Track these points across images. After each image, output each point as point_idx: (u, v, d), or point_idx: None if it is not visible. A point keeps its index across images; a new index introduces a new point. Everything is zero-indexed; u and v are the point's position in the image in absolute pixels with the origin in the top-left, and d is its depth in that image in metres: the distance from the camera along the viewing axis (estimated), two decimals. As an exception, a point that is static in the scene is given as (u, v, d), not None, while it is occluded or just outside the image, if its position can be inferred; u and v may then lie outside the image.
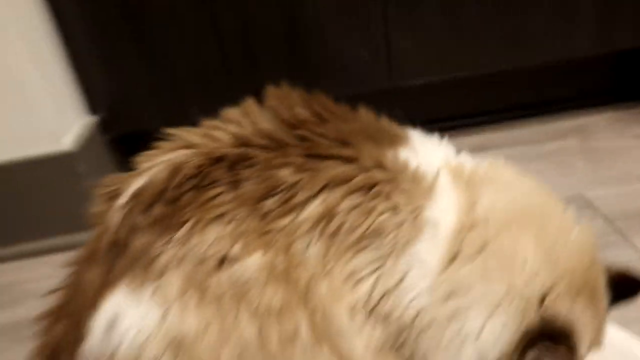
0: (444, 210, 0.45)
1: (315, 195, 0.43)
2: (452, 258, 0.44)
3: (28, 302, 0.92)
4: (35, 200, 1.03)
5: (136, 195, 0.44)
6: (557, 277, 0.46)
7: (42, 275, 0.99)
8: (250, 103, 0.50)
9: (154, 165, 0.46)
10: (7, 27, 0.94)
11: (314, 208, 0.43)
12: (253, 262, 0.41)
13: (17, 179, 1.01)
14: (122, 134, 1.18)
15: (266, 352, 0.39)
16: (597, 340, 0.50)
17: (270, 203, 0.42)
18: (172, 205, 0.42)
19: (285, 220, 0.42)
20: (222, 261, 0.41)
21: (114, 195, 0.46)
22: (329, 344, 0.41)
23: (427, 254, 0.44)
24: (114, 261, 0.42)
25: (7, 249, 1.06)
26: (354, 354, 0.41)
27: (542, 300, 0.45)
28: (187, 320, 0.39)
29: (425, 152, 0.49)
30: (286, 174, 0.43)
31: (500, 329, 0.45)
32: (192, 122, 0.53)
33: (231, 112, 0.49)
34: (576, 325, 0.46)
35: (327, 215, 0.43)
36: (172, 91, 1.16)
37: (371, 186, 0.44)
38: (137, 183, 0.45)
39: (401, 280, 0.43)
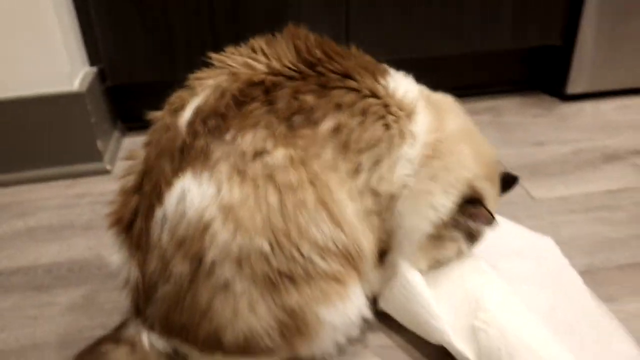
0: (420, 127, 0.66)
1: (329, 115, 0.60)
2: (428, 157, 0.66)
3: (38, 214, 1.09)
4: (48, 133, 1.18)
5: (196, 111, 0.60)
6: (479, 169, 0.70)
7: (50, 196, 1.16)
8: (275, 39, 0.65)
9: (206, 87, 0.61)
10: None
11: (328, 124, 0.60)
12: (279, 155, 0.57)
13: (34, 113, 1.15)
14: (118, 85, 1.33)
15: (284, 213, 0.56)
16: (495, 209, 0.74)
17: (296, 118, 0.59)
18: (222, 117, 0.58)
19: (307, 131, 0.59)
20: (257, 154, 0.57)
21: (178, 108, 0.62)
22: (328, 212, 0.59)
23: (409, 154, 0.65)
24: (181, 157, 0.58)
25: (23, 173, 1.20)
26: (343, 216, 0.60)
27: (472, 182, 0.69)
28: (233, 194, 0.55)
29: (403, 82, 0.69)
30: (308, 99, 0.60)
31: (450, 202, 0.68)
32: (180, 82, 0.66)
33: (261, 44, 0.64)
34: (487, 197, 0.71)
35: (338, 129, 0.60)
36: (164, 53, 1.30)
37: (369, 109, 0.63)
38: (195, 102, 0.61)
39: (391, 168, 0.64)
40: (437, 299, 0.71)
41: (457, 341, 0.68)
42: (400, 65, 0.76)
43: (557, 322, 0.74)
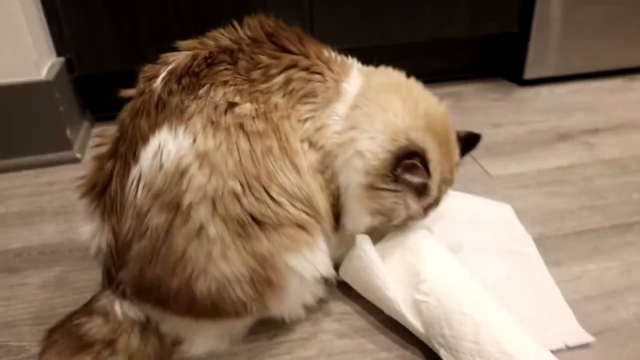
0: (352, 85, 0.72)
1: (281, 71, 0.68)
2: (351, 108, 0.70)
3: (7, 202, 1.11)
4: (17, 123, 1.19)
5: (170, 72, 0.65)
6: (415, 121, 0.70)
7: (20, 184, 1.17)
8: (238, 24, 0.72)
9: (180, 55, 0.68)
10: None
11: (280, 79, 0.68)
12: (246, 107, 0.63)
13: (2, 103, 1.16)
14: (86, 75, 1.35)
15: (254, 158, 0.62)
16: (449, 179, 0.76)
17: (254, 73, 0.66)
18: (194, 76, 0.64)
19: (264, 85, 0.66)
20: (228, 106, 0.63)
21: (152, 76, 0.67)
22: (290, 160, 0.65)
23: (340, 109, 0.70)
24: (157, 114, 0.63)
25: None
26: (302, 168, 0.67)
27: (404, 131, 0.69)
28: (207, 142, 0.61)
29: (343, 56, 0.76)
30: (263, 58, 0.68)
31: (377, 146, 0.68)
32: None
33: (226, 29, 0.71)
34: (428, 149, 0.69)
35: (287, 83, 0.68)
36: (131, 42, 1.32)
37: (313, 68, 0.70)
38: (169, 66, 0.66)
39: (325, 122, 0.69)
40: (388, 271, 0.74)
41: (408, 313, 0.71)
42: (364, 54, 0.82)
43: (509, 292, 0.78)
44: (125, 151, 0.64)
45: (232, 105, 0.63)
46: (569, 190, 1.08)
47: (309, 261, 0.67)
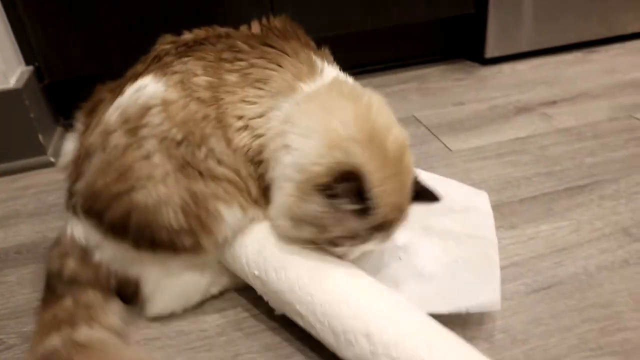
0: (310, 87, 0.73)
1: (250, 59, 0.74)
2: (296, 104, 0.71)
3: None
4: None
5: (175, 41, 0.79)
6: (362, 135, 0.65)
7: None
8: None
9: (190, 34, 0.80)
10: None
11: (245, 64, 0.74)
12: (203, 78, 0.73)
13: None
14: (57, 81, 1.37)
15: (195, 119, 0.71)
16: (397, 215, 0.68)
17: (226, 54, 0.75)
18: (188, 48, 0.76)
19: (229, 65, 0.74)
20: (193, 75, 0.73)
21: (168, 42, 0.79)
22: (222, 130, 0.72)
23: (286, 104, 0.72)
24: (151, 64, 0.77)
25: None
26: (232, 141, 0.72)
27: (347, 142, 0.64)
28: (172, 95, 0.72)
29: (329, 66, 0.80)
30: (242, 46, 0.76)
31: (309, 146, 0.66)
32: (116, 74, 0.81)
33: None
34: (367, 167, 0.63)
35: (249, 68, 0.74)
36: (98, 47, 1.34)
37: (283, 61, 0.75)
38: (157, 50, 0.79)
39: (267, 111, 0.72)
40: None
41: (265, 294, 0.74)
42: (329, 43, 0.84)
43: (453, 274, 0.77)
44: (121, 85, 0.77)
45: (195, 75, 0.74)
46: (525, 159, 1.13)
47: (240, 219, 0.73)
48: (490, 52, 1.64)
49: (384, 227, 0.67)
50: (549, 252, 0.86)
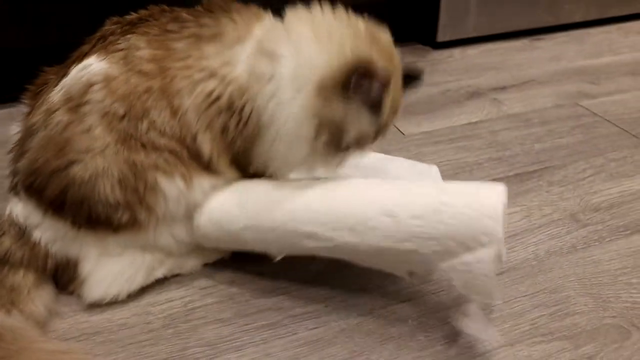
0: (262, 32, 0.73)
1: (195, 26, 0.73)
2: (258, 50, 0.71)
3: None
4: None
5: (120, 21, 0.76)
6: (363, 40, 0.70)
7: None
8: None
9: (140, 12, 0.76)
10: None
11: (192, 30, 0.73)
12: (146, 51, 0.72)
13: None
14: None
15: (136, 92, 0.70)
16: (393, 117, 0.76)
17: (171, 26, 0.73)
18: (132, 26, 0.74)
19: (174, 35, 0.73)
20: (135, 49, 0.72)
21: (115, 23, 0.76)
22: (167, 100, 0.71)
23: (243, 51, 0.72)
24: (97, 44, 0.74)
25: None
26: (181, 108, 0.71)
27: (355, 55, 0.67)
28: (114, 71, 0.71)
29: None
30: (186, 15, 0.74)
31: (316, 57, 0.68)
32: (52, 48, 0.78)
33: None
34: (379, 65, 0.67)
35: (197, 30, 0.73)
36: (31, 22, 1.26)
37: (226, 16, 0.74)
38: (102, 30, 0.75)
39: (231, 59, 0.72)
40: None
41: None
42: None
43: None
44: (67, 66, 0.74)
45: (138, 49, 0.72)
46: (477, 144, 1.14)
47: (180, 191, 0.72)
48: (442, 36, 1.63)
49: (385, 128, 0.75)
50: (500, 238, 0.87)
